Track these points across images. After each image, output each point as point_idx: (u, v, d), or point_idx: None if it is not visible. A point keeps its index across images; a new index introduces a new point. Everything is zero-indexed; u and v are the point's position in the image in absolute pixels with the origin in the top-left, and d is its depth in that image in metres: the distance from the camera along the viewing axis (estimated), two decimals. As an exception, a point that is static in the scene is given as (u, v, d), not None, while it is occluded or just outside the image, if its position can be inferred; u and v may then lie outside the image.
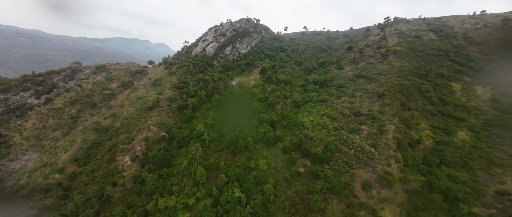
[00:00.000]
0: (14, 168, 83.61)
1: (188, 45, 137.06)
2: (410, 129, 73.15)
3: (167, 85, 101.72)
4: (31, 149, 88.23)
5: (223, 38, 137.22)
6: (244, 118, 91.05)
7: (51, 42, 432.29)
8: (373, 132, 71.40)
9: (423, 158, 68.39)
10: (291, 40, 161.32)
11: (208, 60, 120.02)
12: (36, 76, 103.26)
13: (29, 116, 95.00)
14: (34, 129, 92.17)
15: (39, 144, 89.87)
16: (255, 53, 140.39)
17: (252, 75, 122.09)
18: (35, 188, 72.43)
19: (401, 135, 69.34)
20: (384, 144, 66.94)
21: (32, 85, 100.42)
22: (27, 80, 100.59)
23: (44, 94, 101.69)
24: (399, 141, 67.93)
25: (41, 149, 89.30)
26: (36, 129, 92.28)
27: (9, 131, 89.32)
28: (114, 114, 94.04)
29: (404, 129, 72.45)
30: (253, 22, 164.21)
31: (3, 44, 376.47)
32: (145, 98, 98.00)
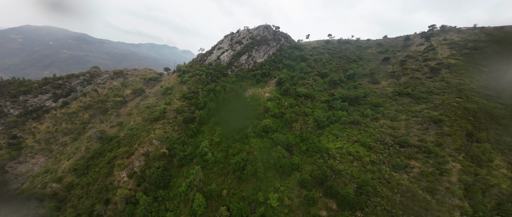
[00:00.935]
0: (20, 171, 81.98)
1: (203, 53, 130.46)
2: (481, 168, 53.50)
3: (177, 94, 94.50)
4: (40, 153, 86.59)
5: (239, 46, 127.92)
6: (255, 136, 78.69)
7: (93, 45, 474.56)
8: (428, 171, 53.88)
9: (497, 206, 48.64)
10: (313, 49, 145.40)
11: (222, 69, 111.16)
12: (56, 79, 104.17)
13: (45, 118, 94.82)
14: (46, 132, 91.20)
15: (48, 148, 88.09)
16: (272, 63, 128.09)
17: (267, 87, 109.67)
18: (31, 196, 68.50)
19: (472, 177, 50.29)
20: (446, 189, 48.97)
21: (51, 88, 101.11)
22: (47, 83, 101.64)
23: (62, 97, 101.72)
24: (467, 186, 49.14)
25: (49, 154, 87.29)
26: (48, 133, 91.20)
27: (23, 133, 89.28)
28: (121, 123, 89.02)
29: (473, 167, 53.11)
30: (271, 29, 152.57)
31: (54, 45, 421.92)
32: (153, 108, 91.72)
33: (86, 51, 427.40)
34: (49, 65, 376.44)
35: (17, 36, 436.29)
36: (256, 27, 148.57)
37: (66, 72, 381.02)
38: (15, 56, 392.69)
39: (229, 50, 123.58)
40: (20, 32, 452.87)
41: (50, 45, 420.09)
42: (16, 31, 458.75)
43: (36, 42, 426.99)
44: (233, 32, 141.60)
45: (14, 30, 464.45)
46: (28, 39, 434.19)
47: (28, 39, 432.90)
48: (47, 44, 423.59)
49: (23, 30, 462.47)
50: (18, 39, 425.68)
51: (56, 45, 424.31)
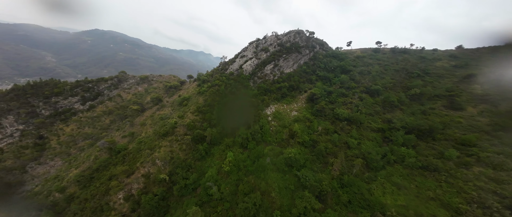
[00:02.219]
0: (38, 172, 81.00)
1: (225, 61, 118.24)
2: None
3: (191, 107, 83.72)
4: (59, 156, 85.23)
5: (265, 54, 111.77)
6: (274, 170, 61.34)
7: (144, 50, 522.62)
8: None
9: None
10: (357, 59, 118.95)
11: (243, 80, 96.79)
12: (87, 83, 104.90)
13: (71, 121, 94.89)
14: (69, 135, 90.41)
15: (67, 152, 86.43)
16: (303, 74, 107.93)
17: (295, 103, 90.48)
18: (31, 204, 64.60)
19: None
20: None
21: (81, 91, 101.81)
22: (78, 85, 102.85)
23: (89, 100, 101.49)
24: None
25: (67, 157, 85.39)
26: (70, 135, 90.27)
27: (50, 134, 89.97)
28: (132, 133, 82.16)
29: None
30: (304, 34, 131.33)
31: (113, 48, 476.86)
32: (166, 119, 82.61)
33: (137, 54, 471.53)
34: (107, 65, 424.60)
35: (88, 38, 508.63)
36: (286, 32, 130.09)
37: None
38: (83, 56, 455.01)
39: (253, 58, 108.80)
40: (90, 35, 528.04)
41: (111, 48, 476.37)
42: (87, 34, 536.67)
43: (100, 45, 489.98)
44: (259, 39, 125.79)
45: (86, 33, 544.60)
46: (95, 41, 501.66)
47: (95, 41, 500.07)
48: (109, 47, 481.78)
49: (92, 33, 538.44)
50: (88, 41, 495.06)
51: (115, 48, 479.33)
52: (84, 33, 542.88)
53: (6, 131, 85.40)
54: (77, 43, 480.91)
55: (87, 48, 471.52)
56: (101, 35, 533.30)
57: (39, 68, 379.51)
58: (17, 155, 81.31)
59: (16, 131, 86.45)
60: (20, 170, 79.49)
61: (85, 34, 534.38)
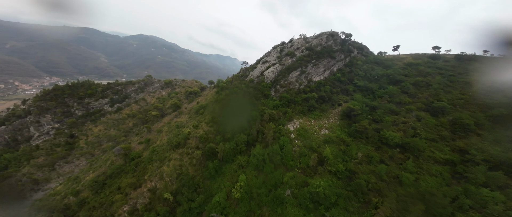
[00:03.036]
0: (64, 171, 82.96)
1: (246, 67, 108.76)
2: None
3: (207, 116, 76.64)
4: (85, 156, 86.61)
5: (290, 59, 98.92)
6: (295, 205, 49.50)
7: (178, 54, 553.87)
8: None
9: None
10: (409, 66, 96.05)
11: (264, 88, 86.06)
12: (117, 85, 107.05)
13: (100, 122, 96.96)
14: (96, 135, 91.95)
15: (91, 152, 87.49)
16: (337, 83, 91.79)
17: (326, 119, 75.86)
18: (45, 206, 64.40)
19: None
20: None
21: (111, 93, 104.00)
22: (109, 88, 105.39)
23: (117, 103, 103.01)
24: None
25: (90, 158, 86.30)
26: (97, 136, 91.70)
27: (80, 134, 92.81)
28: (148, 140, 78.71)
29: None
30: (339, 37, 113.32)
31: (153, 51, 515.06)
32: (181, 128, 77.12)
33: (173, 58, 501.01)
34: (147, 67, 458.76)
35: (134, 42, 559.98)
36: (317, 34, 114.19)
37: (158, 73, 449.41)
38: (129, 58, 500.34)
39: (277, 64, 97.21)
40: (136, 39, 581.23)
41: (152, 51, 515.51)
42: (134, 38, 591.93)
43: (143, 48, 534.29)
44: (284, 42, 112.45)
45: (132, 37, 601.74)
46: (139, 45, 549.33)
47: (139, 45, 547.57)
48: (150, 50, 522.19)
49: (138, 38, 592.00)
50: (134, 44, 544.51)
51: (155, 51, 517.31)
52: (131, 37, 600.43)
53: (44, 129, 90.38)
54: (125, 46, 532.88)
55: (132, 51, 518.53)
56: (144, 39, 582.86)
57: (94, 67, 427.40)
58: (49, 152, 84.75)
59: (52, 129, 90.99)
60: (49, 167, 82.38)
61: (132, 38, 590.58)
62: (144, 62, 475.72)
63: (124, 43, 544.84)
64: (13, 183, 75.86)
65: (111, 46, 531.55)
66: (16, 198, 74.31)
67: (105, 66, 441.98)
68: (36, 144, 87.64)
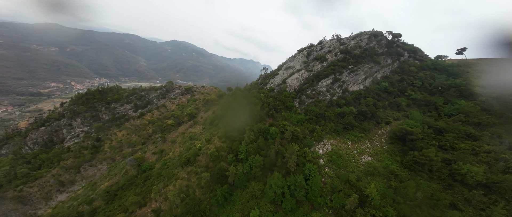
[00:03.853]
0: (88, 174, 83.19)
1: (266, 73, 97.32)
2: None
3: (221, 129, 68.32)
4: (106, 160, 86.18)
5: (320, 64, 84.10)
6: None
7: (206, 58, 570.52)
8: None
9: None
10: (484, 74, 73.90)
11: (286, 98, 74.11)
12: (141, 91, 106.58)
13: (123, 127, 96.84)
14: (118, 140, 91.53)
15: (113, 157, 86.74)
16: (383, 94, 73.96)
17: (368, 142, 59.95)
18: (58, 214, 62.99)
19: None
20: None
21: (135, 99, 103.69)
22: (134, 93, 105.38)
23: (140, 108, 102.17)
24: None
25: (111, 162, 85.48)
26: (119, 141, 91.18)
27: (105, 138, 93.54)
28: (162, 151, 73.89)
29: None
30: (384, 37, 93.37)
31: (184, 56, 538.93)
32: (194, 141, 70.36)
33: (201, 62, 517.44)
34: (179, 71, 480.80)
35: (168, 47, 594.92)
36: (355, 35, 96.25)
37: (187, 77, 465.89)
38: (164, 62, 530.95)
39: (303, 70, 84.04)
40: (170, 44, 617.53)
41: (183, 56, 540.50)
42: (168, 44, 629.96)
43: (176, 53, 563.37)
44: (312, 44, 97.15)
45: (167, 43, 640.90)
46: (173, 50, 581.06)
47: (173, 50, 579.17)
48: (181, 55, 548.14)
49: (172, 43, 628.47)
50: (168, 49, 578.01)
51: (185, 56, 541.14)
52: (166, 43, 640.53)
53: (75, 131, 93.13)
54: (161, 51, 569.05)
55: (167, 56, 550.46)
56: (177, 45, 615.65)
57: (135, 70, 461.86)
58: (77, 155, 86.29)
59: (82, 132, 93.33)
60: (76, 169, 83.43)
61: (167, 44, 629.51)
62: (176, 66, 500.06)
63: (160, 49, 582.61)
64: (43, 183, 78.06)
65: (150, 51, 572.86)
66: (43, 198, 76.27)
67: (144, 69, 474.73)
68: (68, 146, 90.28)
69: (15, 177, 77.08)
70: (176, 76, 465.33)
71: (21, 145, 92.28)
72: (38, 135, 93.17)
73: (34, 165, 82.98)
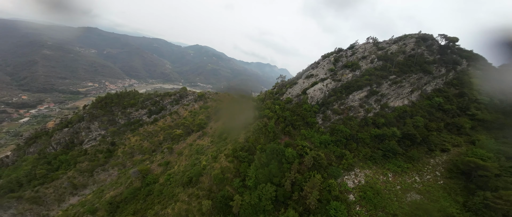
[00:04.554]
0: (100, 179, 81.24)
1: (284, 81, 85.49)
2: None
3: (229, 145, 60.24)
4: (117, 166, 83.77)
5: (351, 73, 70.24)
6: None
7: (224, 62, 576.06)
8: None
9: None
10: None
11: (306, 113, 62.86)
12: (155, 97, 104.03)
13: (137, 133, 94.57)
14: (130, 146, 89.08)
15: (124, 163, 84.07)
16: (437, 112, 58.55)
17: (416, 174, 45.59)
18: None
19: None
20: None
21: (149, 104, 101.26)
22: (149, 98, 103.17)
23: (154, 114, 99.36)
24: None
25: (122, 168, 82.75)
26: (131, 147, 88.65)
27: (119, 142, 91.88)
28: (168, 163, 68.36)
29: None
30: (435, 42, 76.77)
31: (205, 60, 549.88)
32: (200, 155, 63.41)
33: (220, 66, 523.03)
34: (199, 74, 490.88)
35: (191, 51, 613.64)
36: (397, 38, 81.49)
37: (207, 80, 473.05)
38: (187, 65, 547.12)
39: (328, 79, 71.37)
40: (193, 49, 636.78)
41: (204, 60, 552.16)
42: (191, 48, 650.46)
43: (198, 57, 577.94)
44: (341, 49, 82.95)
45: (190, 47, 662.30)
46: (195, 54, 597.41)
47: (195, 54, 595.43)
48: (202, 59, 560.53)
49: (194, 48, 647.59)
50: (191, 53, 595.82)
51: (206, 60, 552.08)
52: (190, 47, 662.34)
53: (92, 134, 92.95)
54: (184, 55, 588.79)
55: (189, 59, 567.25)
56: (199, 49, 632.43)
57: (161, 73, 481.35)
58: (92, 158, 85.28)
59: (99, 135, 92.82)
60: (89, 173, 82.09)
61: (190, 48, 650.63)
62: (197, 69, 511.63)
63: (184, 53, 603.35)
64: (58, 185, 77.60)
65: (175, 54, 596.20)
66: (57, 200, 75.56)
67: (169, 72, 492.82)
68: (85, 148, 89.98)
69: (35, 177, 77.70)
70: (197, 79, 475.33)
71: (47, 144, 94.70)
72: (61, 135, 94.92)
73: (53, 166, 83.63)
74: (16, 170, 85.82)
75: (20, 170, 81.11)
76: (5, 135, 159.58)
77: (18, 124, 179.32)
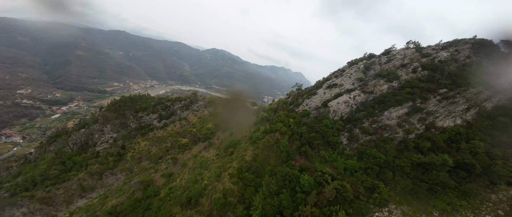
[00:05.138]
0: (107, 182, 79.18)
1: (298, 91, 74.26)
2: None
3: (234, 162, 53.20)
4: (125, 171, 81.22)
5: (386, 84, 58.09)
6: None
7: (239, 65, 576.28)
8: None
9: None
10: None
11: (328, 130, 52.81)
12: (167, 101, 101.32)
13: (146, 137, 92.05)
14: (138, 151, 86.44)
15: (131, 169, 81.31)
16: (500, 134, 45.94)
17: (470, 214, 34.33)
18: None
19: None
20: None
21: (160, 109, 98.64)
22: (160, 103, 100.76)
23: (164, 119, 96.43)
24: None
25: (129, 174, 79.99)
26: (139, 152, 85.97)
27: (129, 146, 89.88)
28: (170, 175, 63.42)
29: None
30: (496, 48, 64.12)
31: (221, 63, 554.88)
32: (203, 171, 57.32)
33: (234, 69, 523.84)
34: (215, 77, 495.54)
35: (208, 55, 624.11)
36: (446, 43, 68.23)
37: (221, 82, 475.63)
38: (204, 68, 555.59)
39: (356, 91, 60.00)
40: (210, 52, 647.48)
41: (219, 63, 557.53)
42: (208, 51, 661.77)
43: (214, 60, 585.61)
44: (373, 55, 71.54)
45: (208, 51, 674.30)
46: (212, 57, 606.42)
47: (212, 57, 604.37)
48: (218, 62, 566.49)
49: (211, 51, 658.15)
50: (208, 56, 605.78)
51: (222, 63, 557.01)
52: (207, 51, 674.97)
53: (105, 137, 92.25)
54: (202, 58, 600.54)
55: (206, 62, 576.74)
56: (216, 53, 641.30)
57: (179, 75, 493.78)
58: (103, 161, 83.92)
59: (111, 138, 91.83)
60: (98, 176, 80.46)
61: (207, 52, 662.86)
62: (213, 72, 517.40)
63: (202, 56, 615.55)
64: (68, 186, 76.75)
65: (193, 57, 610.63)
66: (65, 202, 74.52)
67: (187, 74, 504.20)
68: (98, 150, 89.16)
69: (48, 177, 77.75)
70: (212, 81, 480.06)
71: (65, 144, 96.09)
72: (78, 136, 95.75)
73: (66, 166, 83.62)
74: (35, 168, 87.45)
75: (37, 169, 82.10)
76: (37, 130, 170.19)
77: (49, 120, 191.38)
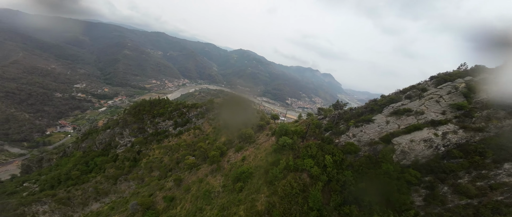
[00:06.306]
0: (120, 188, 74.85)
1: (340, 111, 46.07)
2: None
3: (241, 211, 39.20)
4: (136, 179, 75.80)
5: (509, 117, 24.83)
6: None
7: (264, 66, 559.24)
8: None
9: None
10: None
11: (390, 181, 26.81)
12: (183, 107, 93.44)
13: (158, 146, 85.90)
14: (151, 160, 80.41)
15: (142, 177, 75.49)
16: None
17: None
18: None
19: None
20: None
21: (176, 115, 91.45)
22: (176, 109, 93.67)
23: (180, 126, 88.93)
24: None
25: (140, 183, 74.18)
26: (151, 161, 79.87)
27: (144, 152, 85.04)
28: (172, 199, 53.45)
29: None
30: None
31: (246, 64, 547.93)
32: (204, 206, 45.33)
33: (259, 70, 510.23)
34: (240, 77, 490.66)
35: (235, 55, 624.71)
36: None
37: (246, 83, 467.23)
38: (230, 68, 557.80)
39: (448, 125, 29.74)
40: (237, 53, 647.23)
41: (245, 63, 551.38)
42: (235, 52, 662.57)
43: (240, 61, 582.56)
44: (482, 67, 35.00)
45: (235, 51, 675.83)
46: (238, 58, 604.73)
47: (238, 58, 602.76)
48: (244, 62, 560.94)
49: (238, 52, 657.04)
50: (235, 57, 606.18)
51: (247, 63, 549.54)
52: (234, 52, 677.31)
53: (124, 141, 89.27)
54: (229, 59, 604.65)
55: (233, 63, 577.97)
56: (242, 53, 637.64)
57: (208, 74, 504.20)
58: (119, 166, 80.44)
59: (129, 142, 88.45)
60: (113, 180, 76.89)
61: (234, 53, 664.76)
62: (239, 72, 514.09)
63: (229, 57, 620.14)
64: (86, 188, 74.72)
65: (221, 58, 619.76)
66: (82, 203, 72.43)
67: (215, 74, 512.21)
68: (117, 153, 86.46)
69: (71, 176, 77.17)
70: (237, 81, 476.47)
71: (93, 142, 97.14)
72: (104, 136, 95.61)
73: (89, 167, 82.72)
74: (66, 164, 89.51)
75: (64, 167, 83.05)
76: (86, 121, 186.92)
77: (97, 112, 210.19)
